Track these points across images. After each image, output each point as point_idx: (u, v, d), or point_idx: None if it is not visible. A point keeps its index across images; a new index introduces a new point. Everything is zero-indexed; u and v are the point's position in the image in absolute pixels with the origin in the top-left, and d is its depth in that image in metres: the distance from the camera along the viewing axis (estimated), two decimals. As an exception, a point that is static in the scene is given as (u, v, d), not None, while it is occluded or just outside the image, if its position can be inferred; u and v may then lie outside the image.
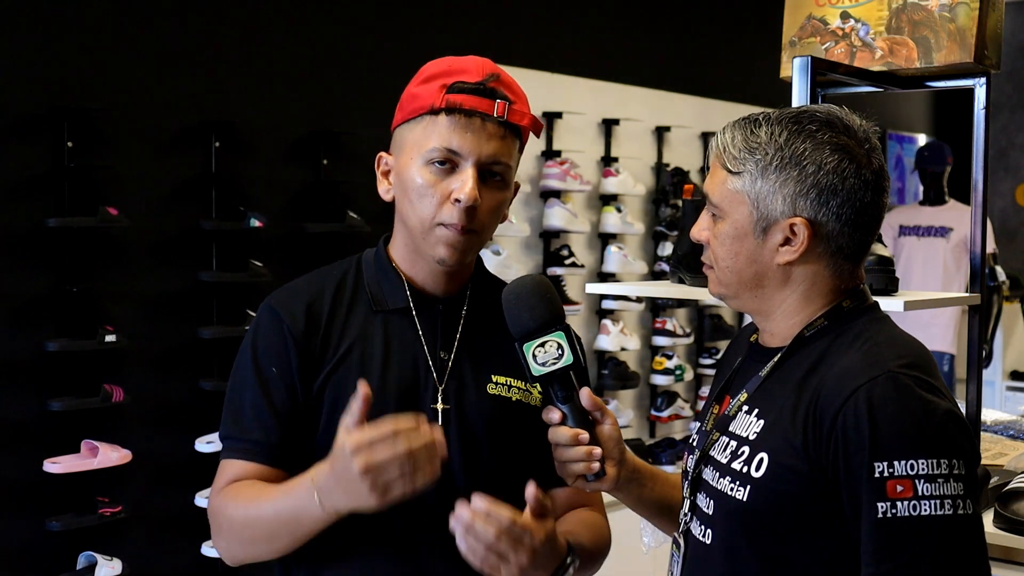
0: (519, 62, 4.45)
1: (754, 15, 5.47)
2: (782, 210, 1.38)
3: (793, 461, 1.33)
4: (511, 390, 1.62)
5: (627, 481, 1.52)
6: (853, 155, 1.38)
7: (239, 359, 1.61)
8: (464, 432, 1.58)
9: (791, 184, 1.37)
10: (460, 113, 1.51)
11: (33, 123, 3.22)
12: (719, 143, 1.45)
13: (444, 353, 1.60)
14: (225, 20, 3.71)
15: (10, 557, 3.20)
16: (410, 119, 1.56)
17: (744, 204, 1.41)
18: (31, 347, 3.19)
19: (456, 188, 1.51)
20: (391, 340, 1.58)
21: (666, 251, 5.12)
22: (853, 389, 1.30)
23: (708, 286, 1.50)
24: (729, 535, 1.40)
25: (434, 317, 1.61)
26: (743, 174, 1.40)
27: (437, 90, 1.53)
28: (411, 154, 1.54)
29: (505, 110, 1.53)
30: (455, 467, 1.56)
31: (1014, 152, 7.93)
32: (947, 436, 1.28)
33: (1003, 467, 2.62)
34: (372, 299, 1.61)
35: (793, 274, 1.41)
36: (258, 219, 3.60)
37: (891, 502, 1.25)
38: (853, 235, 1.40)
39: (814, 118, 1.40)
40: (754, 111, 1.47)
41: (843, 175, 1.37)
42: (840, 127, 1.39)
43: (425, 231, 1.54)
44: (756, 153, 1.40)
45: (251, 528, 1.52)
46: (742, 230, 1.41)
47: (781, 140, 1.39)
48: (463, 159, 1.52)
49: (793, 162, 1.37)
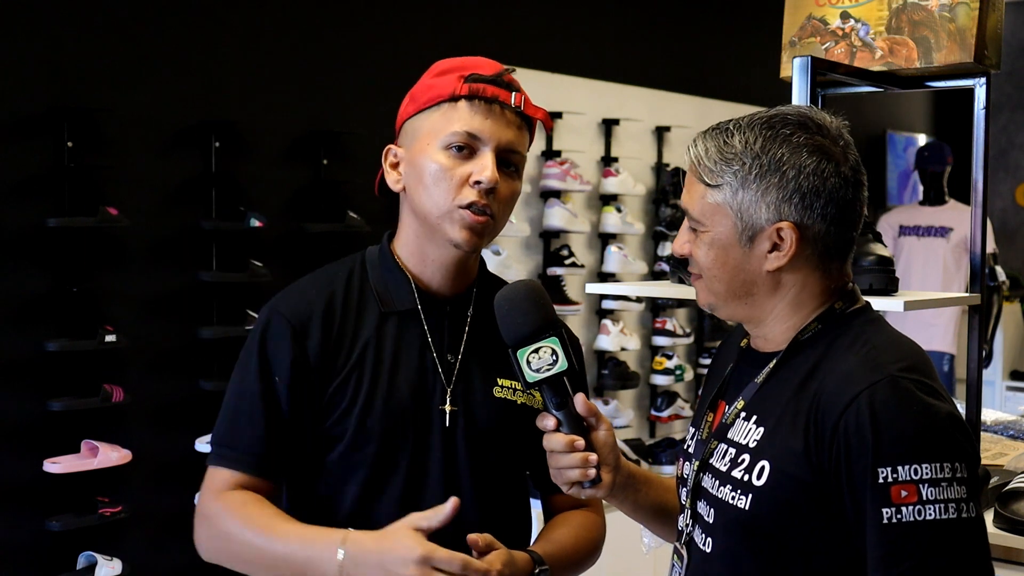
0: (519, 62, 4.44)
1: (754, 15, 5.47)
2: (767, 217, 1.37)
3: (795, 468, 1.32)
4: (516, 393, 1.63)
5: (622, 487, 1.52)
6: (830, 154, 1.37)
7: (242, 364, 1.60)
8: (471, 434, 1.59)
9: (773, 191, 1.36)
10: (481, 99, 1.54)
11: (33, 123, 3.22)
12: (692, 155, 1.42)
13: (451, 356, 1.61)
14: (225, 20, 3.71)
15: (10, 557, 3.20)
16: (425, 108, 1.57)
17: (727, 216, 1.39)
18: (31, 347, 3.19)
19: (476, 171, 1.53)
20: (400, 342, 1.59)
21: (666, 251, 5.12)
22: (854, 395, 1.29)
23: (697, 297, 1.48)
24: (730, 544, 1.40)
25: (441, 319, 1.62)
26: (722, 186, 1.39)
27: (456, 80, 1.56)
28: (427, 140, 1.56)
29: (522, 101, 1.57)
30: (462, 469, 1.58)
31: (1014, 152, 7.92)
32: (949, 439, 1.28)
33: (1003, 467, 2.62)
34: (380, 300, 1.61)
35: (783, 279, 1.40)
36: (258, 219, 3.60)
37: (896, 507, 1.25)
38: (839, 233, 1.39)
39: (786, 121, 1.38)
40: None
41: (823, 176, 1.36)
42: (813, 127, 1.38)
43: (442, 215, 1.55)
44: (733, 163, 1.38)
45: (252, 555, 1.52)
46: (727, 241, 1.40)
47: (757, 147, 1.37)
48: (483, 144, 1.54)
49: (772, 168, 1.36)
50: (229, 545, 1.54)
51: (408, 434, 1.56)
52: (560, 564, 1.60)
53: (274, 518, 1.51)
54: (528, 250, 4.70)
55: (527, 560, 1.52)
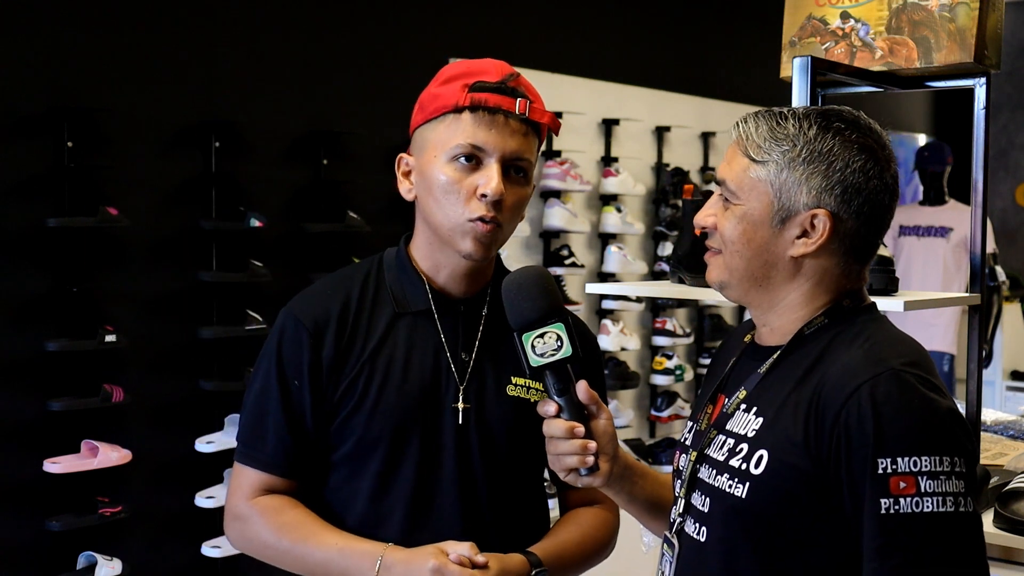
0: (520, 62, 4.42)
1: (754, 15, 5.47)
2: (805, 202, 1.39)
3: (793, 458, 1.33)
4: (530, 391, 1.64)
5: (619, 478, 1.52)
6: (877, 158, 1.40)
7: (262, 364, 1.63)
8: (484, 432, 1.61)
9: (818, 177, 1.38)
10: (484, 110, 1.55)
11: (33, 123, 3.22)
12: (741, 131, 1.44)
13: (465, 354, 1.63)
14: (225, 20, 3.71)
15: (10, 557, 3.20)
16: (432, 119, 1.58)
17: (765, 193, 1.40)
18: (31, 347, 3.19)
19: (482, 183, 1.54)
20: (413, 342, 1.61)
21: (666, 251, 5.12)
22: (856, 386, 1.30)
23: (709, 273, 1.49)
24: (726, 532, 1.40)
25: (455, 319, 1.63)
26: (767, 163, 1.40)
27: (460, 89, 1.56)
28: (434, 152, 1.57)
29: (527, 108, 1.57)
30: (475, 467, 1.60)
31: (1014, 152, 7.92)
32: (949, 434, 1.28)
33: (1003, 467, 2.62)
34: (395, 301, 1.63)
35: (803, 267, 1.42)
36: (258, 219, 3.60)
37: (894, 498, 1.26)
38: (867, 236, 1.41)
39: (841, 117, 1.41)
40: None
41: (868, 175, 1.39)
42: (865, 128, 1.41)
43: (452, 227, 1.56)
44: (783, 144, 1.40)
45: (290, 560, 1.58)
46: (759, 218, 1.41)
47: (810, 134, 1.39)
48: (487, 155, 1.55)
49: (821, 157, 1.38)
50: (265, 550, 1.60)
51: (419, 432, 1.58)
52: (563, 563, 1.61)
53: (312, 525, 1.57)
54: (528, 250, 4.70)
55: (521, 563, 1.54)
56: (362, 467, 1.59)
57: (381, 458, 1.58)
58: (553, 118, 1.62)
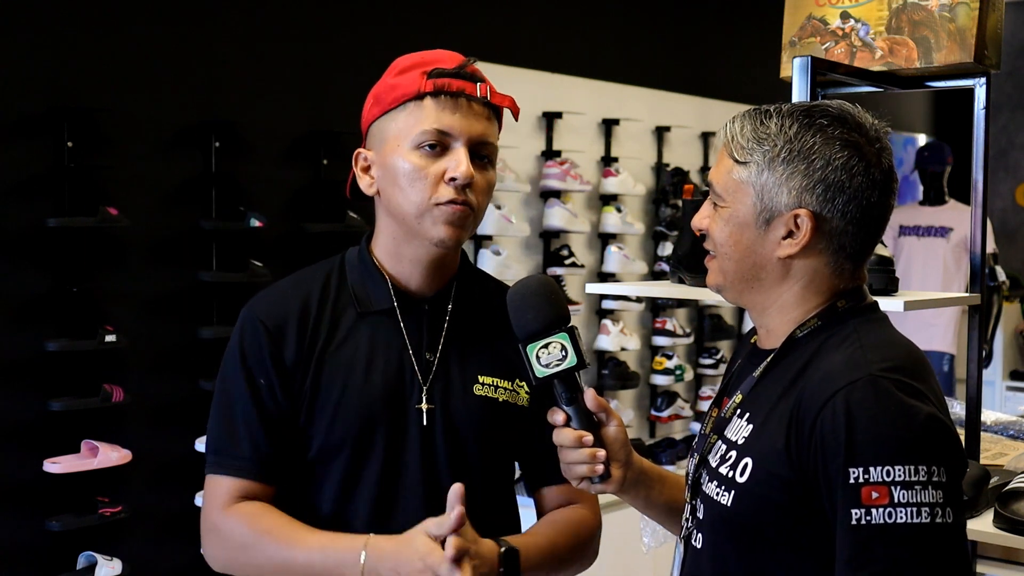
0: (519, 62, 4.45)
1: (754, 15, 5.47)
2: (787, 202, 1.37)
3: (776, 466, 1.32)
4: (497, 391, 1.62)
5: (633, 483, 1.52)
6: (863, 153, 1.37)
7: (226, 367, 1.61)
8: (449, 432, 1.58)
9: (798, 177, 1.36)
10: (446, 95, 1.53)
11: (33, 123, 3.22)
12: (727, 132, 1.43)
13: (429, 354, 1.60)
14: (225, 21, 3.71)
15: (10, 557, 3.20)
16: (391, 109, 1.56)
17: (748, 194, 1.39)
18: (31, 347, 3.19)
19: (451, 167, 1.52)
20: (376, 342, 1.58)
21: (666, 251, 5.12)
22: (832, 392, 1.28)
23: (707, 277, 1.49)
24: (716, 539, 1.40)
25: (419, 318, 1.61)
26: (749, 164, 1.39)
27: (418, 77, 1.54)
28: (397, 142, 1.55)
29: (488, 91, 1.56)
30: (440, 468, 1.57)
31: (1014, 152, 7.92)
32: (927, 442, 1.25)
33: (1003, 467, 2.62)
34: (357, 301, 1.60)
35: (792, 268, 1.40)
36: (258, 219, 3.60)
37: (866, 509, 1.23)
38: (857, 234, 1.38)
39: (826, 113, 1.39)
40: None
41: (851, 172, 1.36)
42: (852, 124, 1.38)
43: (420, 214, 1.54)
44: (764, 144, 1.38)
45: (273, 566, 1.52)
46: (744, 220, 1.40)
47: (791, 132, 1.37)
48: (454, 139, 1.53)
49: (801, 155, 1.36)
50: (247, 558, 1.54)
51: (382, 434, 1.56)
52: (538, 558, 1.56)
53: (291, 527, 1.52)
54: (528, 250, 4.70)
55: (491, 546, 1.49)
56: (326, 471, 1.57)
57: (344, 461, 1.55)
58: (512, 101, 1.60)
